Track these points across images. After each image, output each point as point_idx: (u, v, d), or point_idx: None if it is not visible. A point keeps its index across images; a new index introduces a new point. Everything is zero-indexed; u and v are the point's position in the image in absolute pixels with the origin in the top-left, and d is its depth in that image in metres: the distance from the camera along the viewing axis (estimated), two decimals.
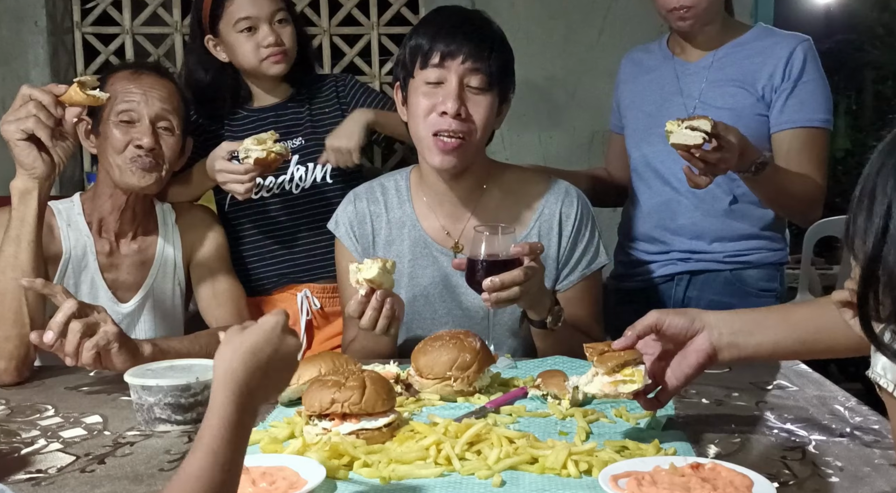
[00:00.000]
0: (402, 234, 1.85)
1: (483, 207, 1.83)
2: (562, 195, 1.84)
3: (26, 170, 1.61)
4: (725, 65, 2.06)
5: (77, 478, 1.18)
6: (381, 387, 1.29)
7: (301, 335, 2.07)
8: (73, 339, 1.49)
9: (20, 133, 1.57)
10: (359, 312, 1.61)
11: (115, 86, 1.83)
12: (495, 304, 1.57)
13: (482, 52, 1.70)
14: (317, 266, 2.13)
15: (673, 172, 2.04)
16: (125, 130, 1.81)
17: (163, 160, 1.85)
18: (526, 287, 1.56)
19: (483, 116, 1.72)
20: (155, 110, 1.83)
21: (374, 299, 1.60)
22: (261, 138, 1.86)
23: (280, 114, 2.14)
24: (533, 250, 1.58)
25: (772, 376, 1.61)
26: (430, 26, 1.75)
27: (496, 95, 1.74)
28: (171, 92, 1.88)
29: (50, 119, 1.58)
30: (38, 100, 1.57)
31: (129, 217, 1.90)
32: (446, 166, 1.73)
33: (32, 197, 1.62)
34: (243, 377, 0.92)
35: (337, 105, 2.16)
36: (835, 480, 1.13)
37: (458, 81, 1.70)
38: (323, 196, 2.09)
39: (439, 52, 1.70)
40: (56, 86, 1.61)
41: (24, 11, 3.34)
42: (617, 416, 1.37)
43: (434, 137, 1.71)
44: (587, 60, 3.17)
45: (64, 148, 1.62)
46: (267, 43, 2.03)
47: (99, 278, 1.87)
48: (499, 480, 1.11)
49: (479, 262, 1.57)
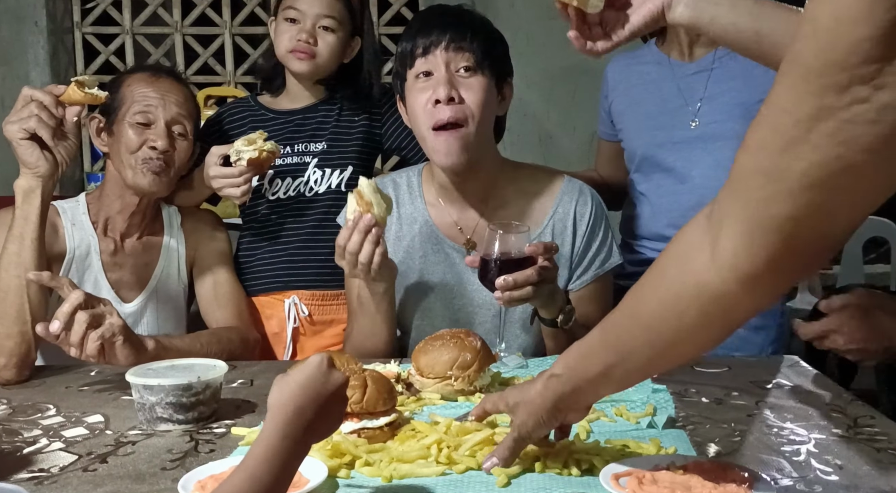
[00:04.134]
0: (414, 229, 1.85)
1: (495, 204, 1.82)
2: (576, 194, 1.83)
3: (30, 169, 1.63)
4: (729, 61, 2.06)
5: (79, 477, 1.18)
6: (382, 386, 1.29)
7: (287, 342, 2.08)
8: (78, 329, 1.49)
9: (23, 133, 1.61)
10: (345, 238, 1.61)
11: (132, 87, 1.86)
12: (508, 303, 1.57)
13: (464, 34, 1.71)
14: (312, 273, 2.10)
15: (685, 171, 2.04)
16: (140, 132, 1.83)
17: (173, 163, 1.87)
18: (539, 287, 1.56)
19: (478, 97, 1.70)
20: (171, 114, 1.85)
21: (360, 222, 1.60)
22: (251, 139, 1.86)
23: (307, 117, 2.12)
24: (547, 249, 1.58)
25: (771, 376, 1.61)
26: (410, 30, 1.77)
27: (488, 75, 1.72)
28: (186, 97, 1.91)
29: (51, 119, 1.62)
30: (39, 100, 1.62)
31: (137, 219, 1.92)
32: (451, 163, 1.72)
33: (36, 195, 1.64)
34: (292, 411, 0.94)
35: (367, 116, 2.12)
36: (835, 478, 1.13)
37: (446, 66, 1.69)
38: (333, 204, 2.06)
39: (422, 45, 1.70)
40: (56, 86, 1.66)
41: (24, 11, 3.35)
42: (617, 415, 1.37)
43: (434, 134, 1.70)
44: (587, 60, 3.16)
45: (66, 147, 1.66)
46: (300, 37, 2.01)
47: (102, 278, 1.87)
48: (504, 480, 1.11)
49: (492, 260, 1.57)
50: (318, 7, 2.02)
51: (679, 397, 1.47)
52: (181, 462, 1.23)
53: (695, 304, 0.86)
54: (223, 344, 1.82)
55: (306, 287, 2.10)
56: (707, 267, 0.82)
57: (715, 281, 0.82)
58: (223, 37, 3.61)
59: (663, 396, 1.46)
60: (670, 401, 1.44)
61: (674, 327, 0.91)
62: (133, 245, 1.93)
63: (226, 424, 1.39)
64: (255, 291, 2.11)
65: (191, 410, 1.37)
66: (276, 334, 2.11)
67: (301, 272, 2.10)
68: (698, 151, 2.02)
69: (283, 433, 0.92)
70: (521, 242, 1.57)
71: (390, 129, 2.13)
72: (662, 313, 0.91)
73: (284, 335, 2.09)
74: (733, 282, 0.80)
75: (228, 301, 1.98)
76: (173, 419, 1.36)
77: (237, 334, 1.90)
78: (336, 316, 2.12)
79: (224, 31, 3.61)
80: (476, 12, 1.81)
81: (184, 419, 1.37)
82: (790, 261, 0.77)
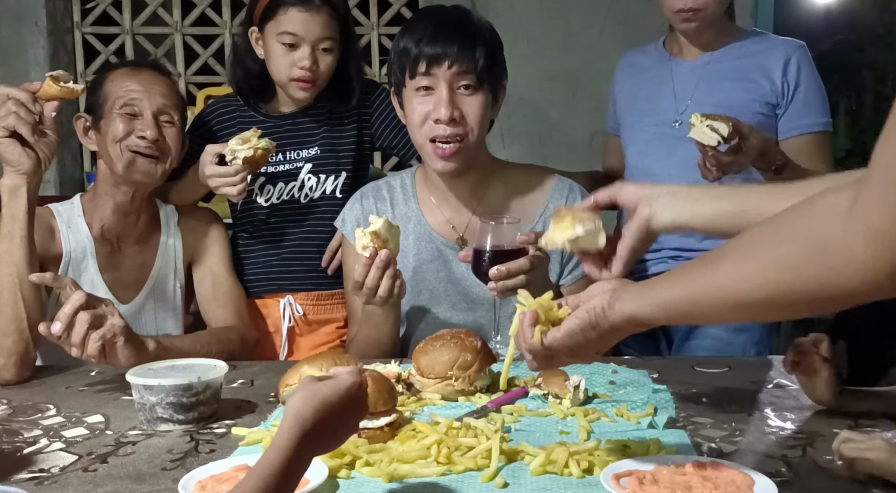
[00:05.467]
0: (408, 229, 1.86)
1: (487, 202, 1.84)
2: (566, 192, 1.86)
3: (13, 166, 1.64)
4: (722, 62, 2.09)
5: (80, 477, 1.18)
6: (382, 386, 1.29)
7: (283, 341, 2.08)
8: (80, 329, 1.49)
9: (2, 131, 1.62)
10: (363, 274, 1.61)
11: (116, 82, 1.84)
12: (502, 293, 1.58)
13: (468, 52, 1.70)
14: (306, 274, 2.10)
15: (664, 170, 2.04)
16: (127, 121, 1.82)
17: (169, 151, 1.85)
18: (531, 276, 1.57)
19: (477, 114, 1.73)
20: (157, 105, 1.84)
21: (378, 258, 1.60)
22: (245, 137, 1.85)
23: (298, 122, 2.10)
24: (539, 238, 1.58)
25: (772, 376, 1.61)
26: (413, 31, 1.75)
27: (488, 90, 1.75)
28: (170, 88, 1.89)
29: (29, 115, 1.64)
30: (15, 98, 1.64)
31: (133, 218, 1.90)
32: (447, 170, 1.76)
33: (21, 193, 1.64)
34: (310, 425, 0.95)
35: (356, 113, 2.11)
36: (836, 478, 1.13)
37: (448, 86, 1.71)
38: (328, 209, 2.05)
39: (425, 59, 1.70)
40: (31, 83, 1.67)
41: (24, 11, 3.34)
42: (618, 415, 1.37)
43: (432, 144, 1.73)
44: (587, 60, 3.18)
45: (47, 143, 1.67)
46: (301, 65, 1.96)
47: (98, 280, 1.87)
48: (501, 481, 1.11)
49: (484, 252, 1.58)
50: (318, 31, 1.96)
51: (679, 398, 1.47)
52: (181, 462, 1.23)
53: (818, 258, 0.81)
54: (223, 344, 1.82)
55: (301, 289, 2.10)
56: (840, 221, 0.79)
57: (841, 234, 0.79)
58: (223, 37, 3.61)
59: (664, 396, 1.46)
60: (671, 401, 1.44)
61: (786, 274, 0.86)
62: (130, 245, 1.92)
63: (226, 424, 1.39)
64: (250, 293, 2.10)
65: (191, 410, 1.37)
66: (272, 333, 2.11)
67: (296, 275, 2.10)
68: (680, 150, 1.99)
69: (297, 446, 0.93)
70: (513, 233, 1.58)
71: (380, 128, 2.12)
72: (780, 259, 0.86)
73: (280, 334, 2.09)
74: (859, 235, 0.77)
75: (228, 300, 1.98)
76: (173, 419, 1.36)
77: (237, 333, 1.90)
78: (331, 315, 2.12)
79: (224, 31, 3.60)
80: (477, 17, 1.80)
81: (184, 420, 1.37)
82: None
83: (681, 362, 1.74)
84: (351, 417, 1.02)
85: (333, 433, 1.00)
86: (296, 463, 0.93)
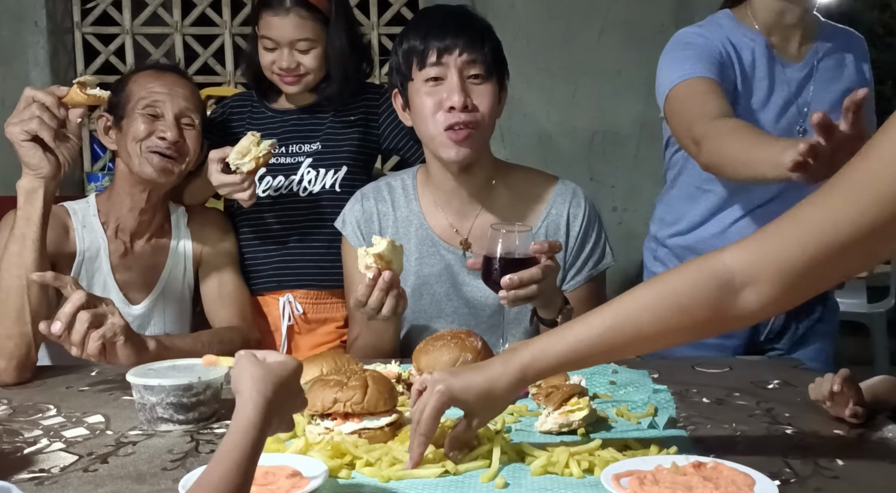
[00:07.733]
0: (409, 232, 1.86)
1: (491, 205, 1.83)
2: (569, 196, 1.86)
3: (32, 170, 1.63)
4: (826, 67, 1.98)
5: (80, 477, 1.18)
6: (383, 387, 1.29)
7: (282, 340, 2.08)
8: (80, 328, 1.49)
9: (24, 134, 1.61)
10: (366, 295, 1.61)
11: (139, 83, 1.86)
12: (513, 302, 1.57)
13: (476, 42, 1.73)
14: (306, 272, 2.10)
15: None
16: (149, 122, 1.84)
17: (187, 152, 1.87)
18: (542, 285, 1.56)
19: (488, 103, 1.74)
20: (179, 107, 1.85)
21: (381, 280, 1.60)
22: (243, 150, 1.82)
23: (303, 118, 2.12)
24: (552, 247, 1.58)
25: (772, 376, 1.61)
26: (419, 28, 1.77)
27: (495, 82, 1.76)
28: (192, 91, 1.91)
29: (53, 120, 1.62)
30: (41, 102, 1.62)
31: (147, 217, 1.91)
32: (461, 158, 1.74)
33: (38, 196, 1.64)
34: (275, 404, 0.98)
35: (363, 116, 2.12)
36: (836, 478, 1.13)
37: (459, 74, 1.71)
38: (328, 204, 2.06)
39: (435, 49, 1.71)
40: (58, 87, 1.66)
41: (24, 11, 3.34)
42: (618, 415, 1.37)
43: (447, 131, 1.72)
44: (587, 60, 3.18)
45: (68, 148, 1.66)
46: (280, 65, 2.02)
47: (111, 280, 1.87)
48: (501, 481, 1.11)
49: (495, 259, 1.56)
50: (291, 33, 2.00)
51: (680, 398, 1.47)
52: (182, 463, 1.23)
53: None
54: (224, 344, 1.81)
55: (301, 287, 2.10)
56: None
57: None
58: (223, 37, 3.61)
59: (664, 396, 1.46)
60: (671, 401, 1.44)
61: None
62: (142, 247, 1.93)
63: (226, 424, 1.38)
64: (251, 291, 2.10)
65: (191, 410, 1.37)
66: (271, 332, 2.11)
67: (295, 272, 2.10)
68: None
69: (267, 427, 0.96)
70: (525, 242, 1.57)
71: (387, 129, 2.12)
72: None
73: (279, 333, 2.09)
74: None
75: (232, 301, 1.98)
76: (174, 419, 1.36)
77: (238, 334, 1.90)
78: (330, 314, 2.12)
79: (224, 31, 3.60)
80: (479, 16, 1.82)
81: (184, 420, 1.37)
82: None
83: (681, 362, 1.74)
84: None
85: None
86: (262, 442, 0.95)
